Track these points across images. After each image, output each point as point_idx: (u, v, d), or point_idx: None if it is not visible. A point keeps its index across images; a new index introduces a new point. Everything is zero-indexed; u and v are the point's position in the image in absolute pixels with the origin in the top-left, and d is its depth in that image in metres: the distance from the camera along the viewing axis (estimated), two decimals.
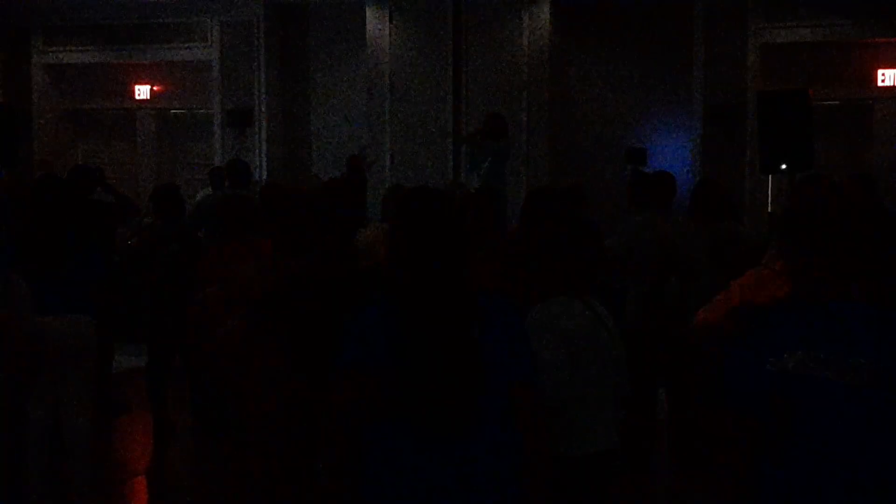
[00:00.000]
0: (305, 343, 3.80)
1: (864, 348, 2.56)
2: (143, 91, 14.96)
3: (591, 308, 3.77)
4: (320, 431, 3.63)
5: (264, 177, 13.14)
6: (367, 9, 12.84)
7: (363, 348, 2.82)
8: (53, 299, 5.26)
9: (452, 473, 2.78)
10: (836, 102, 12.20)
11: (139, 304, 7.64)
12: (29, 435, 5.40)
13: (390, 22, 12.81)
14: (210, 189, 10.84)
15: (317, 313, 3.84)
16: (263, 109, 13.64)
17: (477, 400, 2.79)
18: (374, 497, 2.84)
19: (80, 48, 14.50)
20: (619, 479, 3.98)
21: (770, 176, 10.78)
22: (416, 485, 2.79)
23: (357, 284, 4.11)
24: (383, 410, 2.80)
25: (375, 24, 12.82)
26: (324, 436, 3.44)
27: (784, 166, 9.47)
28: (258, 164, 13.38)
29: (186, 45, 14.07)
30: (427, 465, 2.79)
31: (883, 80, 12.21)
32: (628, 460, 4.92)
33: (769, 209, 10.91)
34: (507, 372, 2.85)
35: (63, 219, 5.55)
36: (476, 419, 2.79)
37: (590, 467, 3.68)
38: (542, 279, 3.86)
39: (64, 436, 5.53)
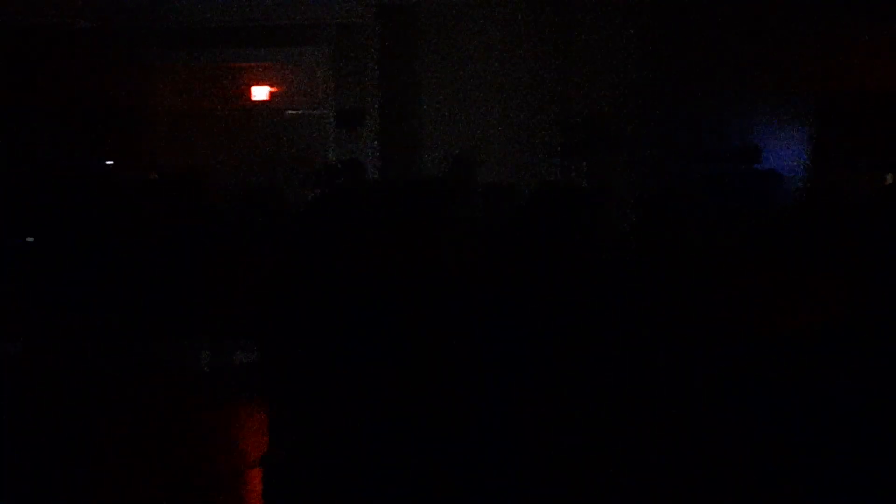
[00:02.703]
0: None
1: None
2: (260, 92, 15.36)
3: None
4: None
5: (375, 176, 13.32)
6: (476, 8, 12.93)
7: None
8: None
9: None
10: None
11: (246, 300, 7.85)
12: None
13: (499, 21, 12.88)
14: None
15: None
16: (375, 110, 13.84)
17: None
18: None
19: (197, 49, 14.94)
20: None
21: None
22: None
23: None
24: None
25: (484, 23, 12.89)
26: None
27: None
28: (369, 163, 13.58)
29: (301, 47, 14.38)
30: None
31: None
32: None
33: None
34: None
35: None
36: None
37: None
38: None
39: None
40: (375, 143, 13.82)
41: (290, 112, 15.41)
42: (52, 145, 13.48)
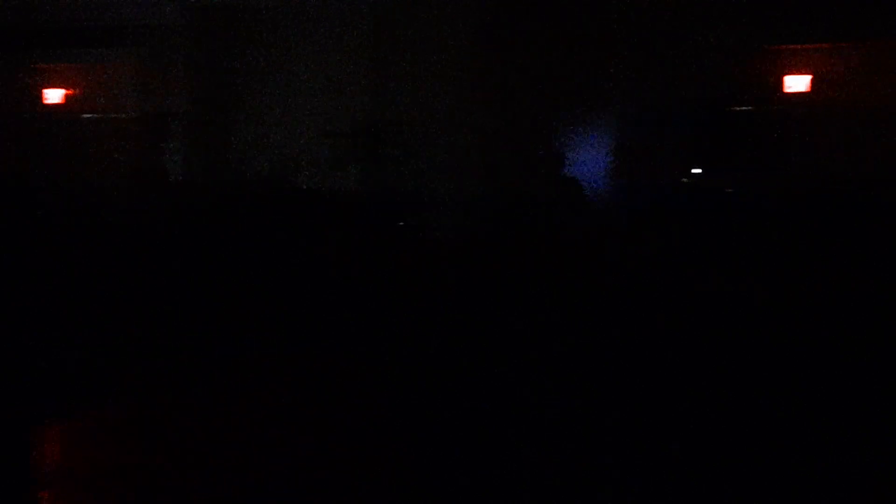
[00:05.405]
0: None
1: None
2: (53, 95, 14.87)
3: None
4: None
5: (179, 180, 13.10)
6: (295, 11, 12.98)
7: None
8: None
9: None
10: None
11: None
12: None
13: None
14: None
15: None
16: (184, 114, 13.69)
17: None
18: None
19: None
20: None
21: None
22: None
23: None
24: None
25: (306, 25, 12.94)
26: None
27: None
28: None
29: (106, 49, 14.10)
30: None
31: None
32: None
33: None
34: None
35: None
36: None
37: None
38: None
39: None
40: (182, 146, 13.60)
41: (87, 116, 14.93)
42: None
